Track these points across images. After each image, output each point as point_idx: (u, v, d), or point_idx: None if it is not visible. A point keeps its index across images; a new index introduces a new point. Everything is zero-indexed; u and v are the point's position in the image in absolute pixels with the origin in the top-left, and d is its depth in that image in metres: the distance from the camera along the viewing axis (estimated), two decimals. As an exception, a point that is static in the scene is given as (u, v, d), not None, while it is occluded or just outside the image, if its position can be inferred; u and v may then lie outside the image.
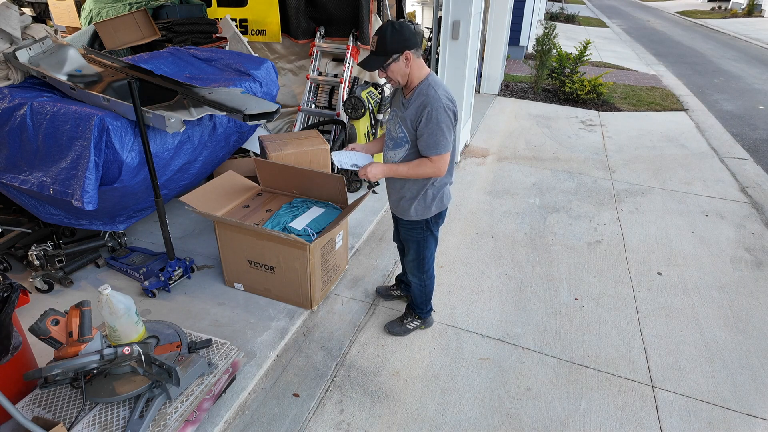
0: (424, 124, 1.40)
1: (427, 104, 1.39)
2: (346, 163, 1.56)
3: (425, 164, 1.46)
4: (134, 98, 1.64)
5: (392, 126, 1.53)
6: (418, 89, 1.43)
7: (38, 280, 1.96)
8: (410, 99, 1.45)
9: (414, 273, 1.75)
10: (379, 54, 1.37)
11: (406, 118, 1.44)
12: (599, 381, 1.70)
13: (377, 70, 1.40)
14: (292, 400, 1.57)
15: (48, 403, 1.36)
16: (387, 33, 1.35)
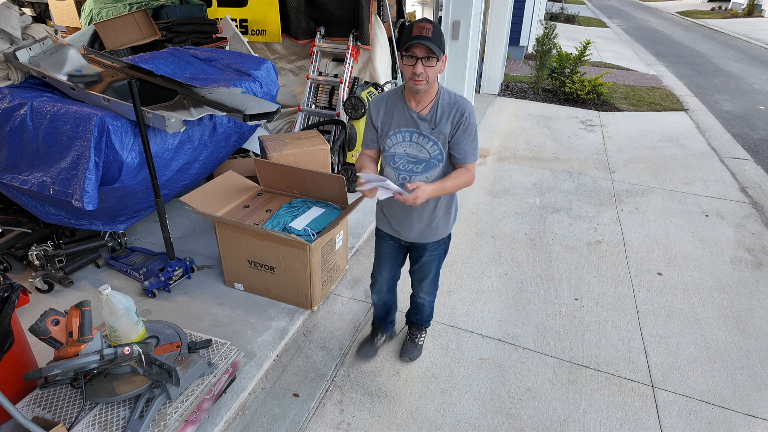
0: (463, 131, 1.27)
1: (464, 110, 1.26)
2: (386, 192, 1.29)
3: (465, 174, 1.32)
4: (134, 98, 1.64)
5: (414, 148, 1.31)
6: (443, 98, 1.28)
7: (38, 280, 1.96)
8: (436, 110, 1.27)
9: (430, 291, 1.63)
10: (435, 43, 1.16)
11: (442, 131, 1.27)
12: (599, 381, 1.70)
13: (428, 58, 1.17)
14: (292, 400, 1.57)
15: (48, 403, 1.36)
16: (438, 26, 1.20)
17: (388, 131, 1.32)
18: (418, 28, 1.16)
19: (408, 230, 1.45)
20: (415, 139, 1.30)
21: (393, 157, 1.33)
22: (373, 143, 1.38)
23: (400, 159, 1.33)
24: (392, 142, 1.32)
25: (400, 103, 1.31)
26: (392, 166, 1.35)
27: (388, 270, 1.58)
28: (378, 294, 1.64)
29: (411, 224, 1.43)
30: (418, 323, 1.77)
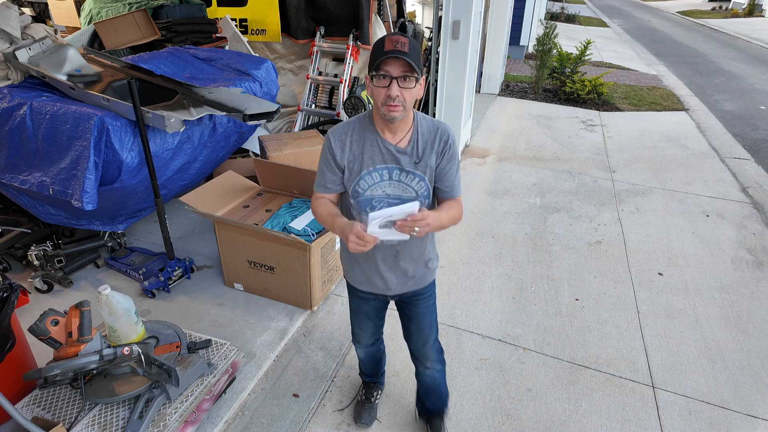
0: (448, 160, 1.07)
1: (447, 136, 1.07)
2: (390, 233, 0.99)
3: (456, 206, 1.10)
4: (134, 98, 1.64)
5: (396, 188, 1.07)
6: (421, 124, 1.07)
7: (38, 280, 1.96)
8: (416, 140, 1.06)
9: (438, 357, 1.32)
10: (413, 59, 0.95)
11: (428, 164, 1.06)
12: (600, 381, 1.69)
13: (405, 77, 0.95)
14: (292, 400, 1.57)
15: (48, 403, 1.35)
16: (415, 42, 0.99)
17: (360, 170, 1.06)
18: (392, 41, 0.94)
19: (398, 279, 1.17)
20: (397, 177, 1.06)
21: (370, 201, 1.07)
22: (333, 185, 1.09)
23: (380, 203, 1.08)
24: (367, 183, 1.06)
25: (370, 135, 1.05)
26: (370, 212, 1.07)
27: (373, 326, 1.35)
28: (364, 348, 1.39)
29: (401, 270, 1.16)
30: (438, 409, 1.39)
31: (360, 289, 1.25)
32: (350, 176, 1.08)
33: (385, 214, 0.93)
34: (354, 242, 0.94)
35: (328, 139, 1.08)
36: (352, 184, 1.08)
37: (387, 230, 0.95)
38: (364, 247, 0.94)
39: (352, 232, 0.94)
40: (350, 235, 0.94)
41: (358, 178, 1.07)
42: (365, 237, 0.93)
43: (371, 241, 0.94)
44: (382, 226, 0.94)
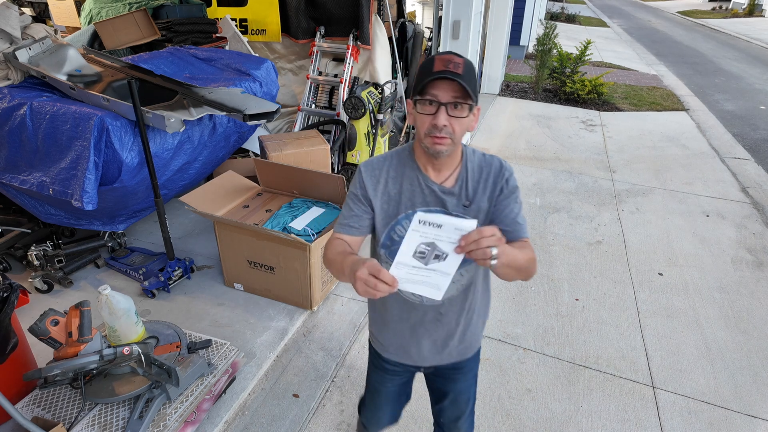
0: (506, 197, 0.88)
1: (503, 170, 0.88)
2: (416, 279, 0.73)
3: (528, 248, 0.87)
4: (134, 98, 1.64)
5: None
6: (470, 159, 0.90)
7: (38, 280, 1.96)
8: (465, 179, 0.88)
9: (469, 430, 1.12)
10: (467, 83, 0.77)
11: (480, 207, 0.87)
12: (600, 382, 1.69)
13: (457, 105, 0.78)
14: (292, 400, 1.56)
15: (48, 403, 1.35)
16: (471, 63, 0.81)
17: (397, 213, 0.88)
18: (443, 60, 0.77)
19: (438, 348, 0.96)
20: (435, 230, 0.82)
21: (413, 253, 0.85)
22: (359, 226, 0.89)
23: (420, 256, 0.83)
24: (405, 229, 0.86)
25: (410, 171, 0.88)
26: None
27: (391, 409, 1.12)
28: (376, 427, 1.16)
29: (443, 335, 0.95)
30: None
31: (387, 357, 1.02)
32: (384, 220, 0.88)
33: (424, 237, 0.67)
34: (363, 280, 0.67)
35: (360, 173, 0.90)
36: (386, 230, 0.88)
37: (417, 274, 0.69)
38: (376, 289, 0.67)
39: (364, 265, 0.67)
40: (361, 270, 0.67)
41: (395, 222, 0.88)
42: (382, 275, 0.66)
43: (389, 282, 0.67)
44: (412, 267, 0.69)
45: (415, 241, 0.69)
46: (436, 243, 0.68)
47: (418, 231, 0.68)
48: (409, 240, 0.69)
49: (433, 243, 0.68)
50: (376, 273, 0.67)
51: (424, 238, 0.68)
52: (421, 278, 0.70)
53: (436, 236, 0.68)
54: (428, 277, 0.70)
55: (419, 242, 0.69)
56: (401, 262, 0.69)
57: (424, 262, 0.70)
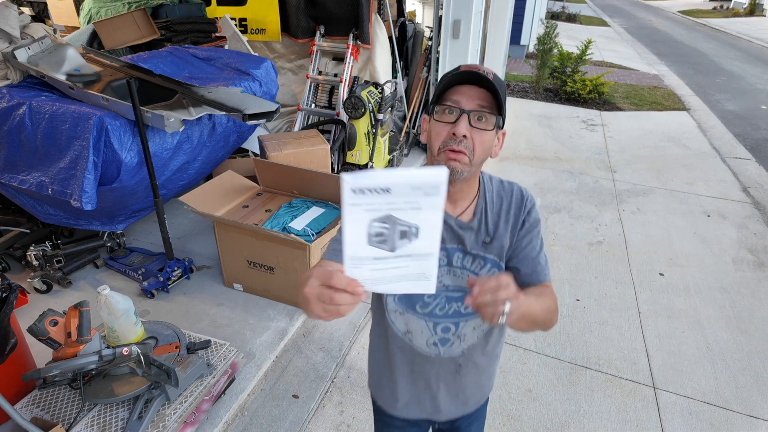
0: (528, 231, 0.77)
1: (525, 200, 0.78)
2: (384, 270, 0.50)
3: (548, 292, 0.76)
4: (133, 98, 1.63)
5: (458, 276, 0.76)
6: (487, 188, 0.78)
7: (37, 280, 1.96)
8: (484, 211, 0.76)
9: None
10: (496, 92, 0.66)
11: (503, 243, 0.76)
12: (601, 382, 1.69)
13: (481, 116, 0.67)
14: (292, 401, 1.56)
15: (47, 404, 1.35)
16: (498, 77, 0.69)
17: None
18: (469, 67, 0.67)
19: (456, 401, 0.85)
20: (459, 262, 0.75)
21: (422, 296, 0.76)
22: None
23: (436, 298, 0.76)
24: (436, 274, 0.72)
25: None
26: (421, 313, 0.77)
27: None
28: None
29: (461, 387, 0.83)
30: None
31: (391, 411, 0.87)
32: None
33: (372, 211, 0.45)
34: (316, 295, 0.48)
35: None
36: None
37: (386, 267, 0.48)
38: (333, 303, 0.47)
39: (312, 276, 0.49)
40: (309, 284, 0.48)
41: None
42: (335, 281, 0.47)
43: (347, 289, 0.47)
44: (375, 259, 0.47)
45: (360, 221, 0.45)
46: (394, 215, 0.45)
47: (360, 205, 0.44)
48: (351, 221, 0.45)
49: (389, 217, 0.45)
50: (327, 281, 0.47)
51: (373, 212, 0.44)
52: (395, 272, 0.49)
53: (390, 205, 0.44)
54: (405, 268, 0.48)
55: (369, 221, 0.45)
56: (355, 257, 0.46)
57: (389, 247, 0.47)
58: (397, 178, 0.43)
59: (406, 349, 0.80)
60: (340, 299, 0.47)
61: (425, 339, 0.78)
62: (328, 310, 0.48)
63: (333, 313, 0.48)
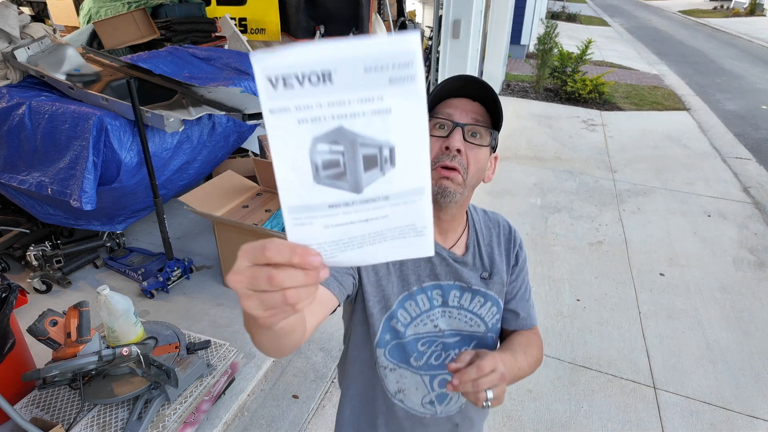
0: (521, 269, 0.73)
1: (513, 231, 0.73)
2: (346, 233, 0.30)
3: (535, 340, 0.72)
4: (133, 98, 1.63)
5: (458, 318, 0.67)
6: (475, 217, 0.72)
7: (36, 280, 1.96)
8: (476, 242, 0.69)
9: None
10: (492, 104, 0.61)
11: (502, 278, 0.69)
12: (601, 382, 1.69)
13: (475, 132, 0.60)
14: (292, 401, 1.56)
15: (46, 404, 1.35)
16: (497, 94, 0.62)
17: (401, 290, 0.64)
18: (462, 78, 0.61)
19: None
20: (456, 301, 0.67)
21: (416, 343, 0.66)
22: (337, 280, 0.59)
23: (431, 344, 0.66)
24: (409, 314, 0.65)
25: None
26: (416, 366, 0.67)
27: None
28: None
29: None
30: None
31: None
32: (379, 303, 0.63)
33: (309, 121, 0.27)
34: (240, 279, 0.29)
35: None
36: (384, 318, 0.64)
37: (352, 221, 0.31)
38: (273, 293, 0.29)
39: (240, 253, 0.30)
40: (237, 262, 0.30)
41: (397, 305, 0.63)
42: (269, 251, 0.29)
43: (292, 261, 0.29)
44: (332, 208, 0.30)
45: (295, 140, 0.28)
46: (348, 127, 0.28)
47: (288, 110, 0.27)
48: (280, 142, 0.28)
49: (341, 131, 0.28)
50: (259, 255, 0.29)
51: (314, 124, 0.28)
52: (366, 227, 0.31)
53: (339, 108, 0.27)
54: (382, 219, 0.31)
55: (310, 140, 0.28)
56: (299, 207, 0.29)
57: (350, 185, 0.29)
58: (340, 50, 0.26)
59: (396, 414, 0.68)
60: (284, 279, 0.28)
61: (420, 398, 0.67)
62: (269, 303, 0.28)
63: (278, 307, 0.28)
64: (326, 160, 0.29)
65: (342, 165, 0.29)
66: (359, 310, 0.66)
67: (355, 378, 0.72)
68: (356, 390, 0.72)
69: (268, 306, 0.29)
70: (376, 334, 0.65)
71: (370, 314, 0.64)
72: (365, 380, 0.70)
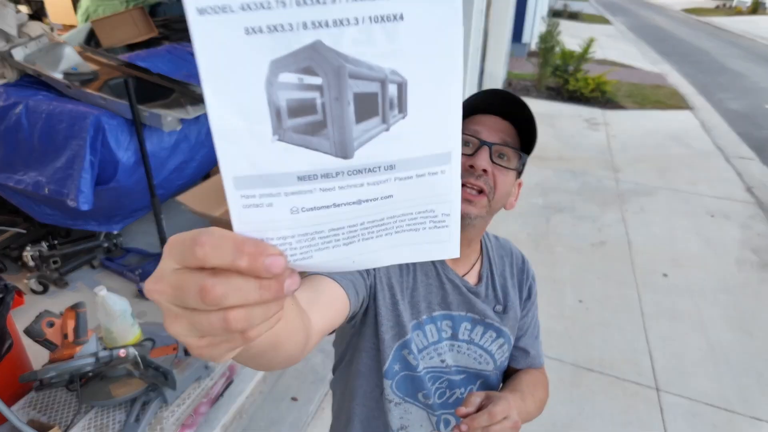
0: (532, 303, 0.70)
1: (526, 266, 0.71)
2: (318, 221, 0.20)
3: (543, 382, 0.69)
4: (130, 97, 1.62)
5: (467, 353, 0.63)
6: (488, 246, 0.69)
7: (33, 281, 1.95)
8: (490, 271, 0.65)
9: None
10: (525, 125, 0.57)
11: (516, 313, 0.65)
12: (603, 384, 1.67)
13: (502, 153, 0.56)
14: (291, 404, 1.55)
15: (44, 406, 1.34)
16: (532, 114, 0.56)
17: (410, 320, 0.58)
18: (495, 93, 0.56)
19: None
20: (467, 335, 0.62)
21: (422, 379, 0.60)
22: (350, 278, 0.52)
23: (436, 380, 0.61)
24: (422, 342, 0.60)
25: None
26: (424, 403, 0.62)
27: None
28: None
29: None
30: None
31: None
32: (393, 329, 0.57)
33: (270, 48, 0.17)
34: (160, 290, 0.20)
35: None
36: (396, 346, 0.58)
37: (332, 195, 0.20)
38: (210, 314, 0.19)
39: (165, 251, 0.20)
40: (160, 264, 0.20)
41: (410, 334, 0.57)
42: (202, 248, 0.18)
43: (240, 264, 0.18)
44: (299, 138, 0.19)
45: (240, 64, 0.18)
46: (328, 46, 0.18)
47: (228, 8, 0.17)
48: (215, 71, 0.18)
49: (317, 48, 0.18)
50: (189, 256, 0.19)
51: (273, 37, 0.17)
52: (359, 212, 0.22)
53: (312, 6, 0.17)
54: (385, 201, 0.22)
55: (263, 64, 0.18)
56: (249, 177, 0.19)
57: (332, 142, 0.20)
58: None
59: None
60: (225, 294, 0.19)
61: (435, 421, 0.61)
62: (204, 329, 0.20)
63: (217, 335, 0.20)
64: (294, 102, 0.18)
65: (320, 110, 0.18)
66: (369, 335, 0.58)
67: (353, 411, 0.63)
68: (354, 425, 0.63)
69: (203, 333, 0.20)
70: (384, 363, 0.58)
71: (382, 340, 0.57)
72: (366, 413, 0.63)
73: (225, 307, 0.19)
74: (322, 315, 0.43)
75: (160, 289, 0.20)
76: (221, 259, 0.18)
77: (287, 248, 0.20)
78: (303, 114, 0.18)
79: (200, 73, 0.17)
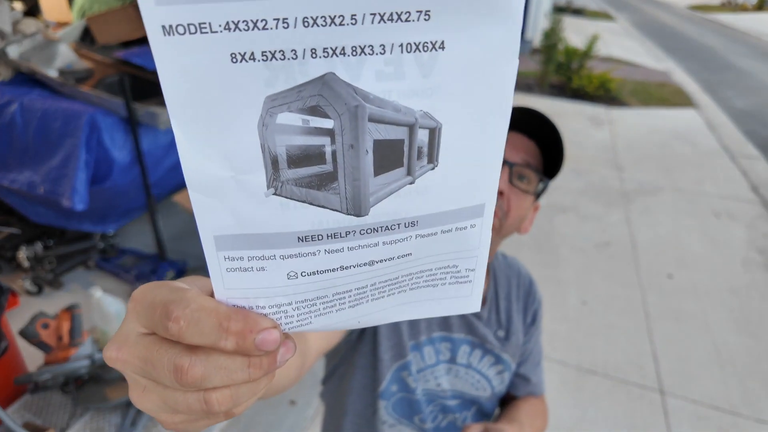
0: (536, 328, 0.68)
1: (534, 288, 0.69)
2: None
3: (543, 411, 0.67)
4: (126, 95, 1.59)
5: (465, 378, 0.61)
6: (496, 266, 0.65)
7: (28, 282, 1.93)
8: (495, 293, 0.63)
9: None
10: (550, 147, 0.53)
11: (519, 339, 0.63)
12: (607, 387, 1.64)
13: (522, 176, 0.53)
14: (289, 407, 1.53)
15: (39, 408, 1.32)
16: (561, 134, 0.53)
17: (409, 340, 0.57)
18: (523, 110, 0.52)
19: None
20: (465, 359, 0.59)
21: (420, 402, 0.58)
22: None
23: (428, 404, 0.59)
24: (419, 364, 0.58)
25: None
26: (420, 427, 0.60)
27: None
28: None
29: None
30: None
31: None
32: (390, 350, 0.56)
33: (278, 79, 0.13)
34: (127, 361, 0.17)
35: None
36: (394, 367, 0.56)
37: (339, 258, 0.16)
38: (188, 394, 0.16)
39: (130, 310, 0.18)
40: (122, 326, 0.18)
41: (412, 354, 0.56)
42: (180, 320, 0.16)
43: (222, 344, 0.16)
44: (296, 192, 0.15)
45: (224, 101, 0.14)
46: (342, 79, 0.14)
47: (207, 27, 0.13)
48: (190, 109, 0.14)
49: (328, 81, 0.14)
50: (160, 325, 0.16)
51: (269, 66, 0.13)
52: (371, 274, 0.18)
53: (321, 29, 0.13)
54: (403, 260, 0.18)
55: (257, 101, 0.14)
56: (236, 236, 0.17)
57: (344, 198, 0.16)
58: None
59: None
60: (206, 375, 0.16)
61: None
62: (179, 407, 0.17)
63: (194, 414, 0.18)
64: (296, 149, 0.14)
65: (329, 159, 0.15)
66: (366, 352, 0.56)
67: (344, 429, 0.60)
68: None
69: (177, 410, 0.17)
70: (381, 383, 0.56)
71: (380, 359, 0.55)
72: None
73: (204, 389, 0.16)
74: (320, 335, 0.40)
75: (123, 358, 0.17)
76: (200, 338, 0.16)
77: (282, 316, 0.17)
78: (307, 164, 0.14)
79: (168, 110, 0.14)
